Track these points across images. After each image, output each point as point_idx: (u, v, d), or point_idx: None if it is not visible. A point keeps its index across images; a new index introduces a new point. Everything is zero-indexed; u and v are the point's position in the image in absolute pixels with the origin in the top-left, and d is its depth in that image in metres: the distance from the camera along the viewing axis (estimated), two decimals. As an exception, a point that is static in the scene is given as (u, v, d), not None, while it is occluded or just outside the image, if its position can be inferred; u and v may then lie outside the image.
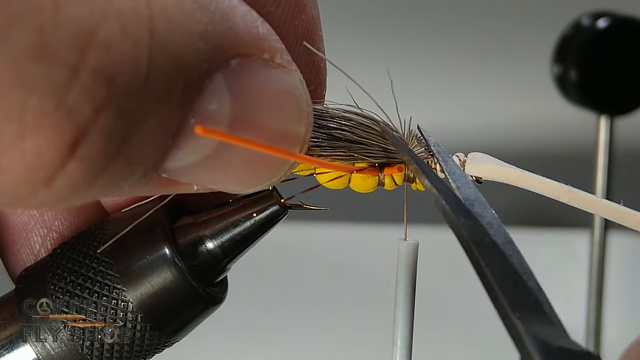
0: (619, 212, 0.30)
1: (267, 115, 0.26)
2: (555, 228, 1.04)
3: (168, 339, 0.34)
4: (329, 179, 0.33)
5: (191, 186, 0.27)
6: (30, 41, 0.20)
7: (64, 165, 0.22)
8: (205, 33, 0.23)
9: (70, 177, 0.22)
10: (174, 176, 0.26)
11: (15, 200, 0.23)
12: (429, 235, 1.01)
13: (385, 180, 0.34)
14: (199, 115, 0.24)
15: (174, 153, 0.25)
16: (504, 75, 1.14)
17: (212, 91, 0.24)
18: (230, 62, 0.24)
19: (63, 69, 0.21)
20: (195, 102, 0.24)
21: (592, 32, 0.74)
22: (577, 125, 0.92)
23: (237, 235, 0.34)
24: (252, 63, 0.25)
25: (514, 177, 0.32)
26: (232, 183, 0.27)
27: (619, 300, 0.95)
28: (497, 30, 1.14)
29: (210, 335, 0.86)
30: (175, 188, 0.26)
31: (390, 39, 1.15)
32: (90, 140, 0.22)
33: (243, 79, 0.25)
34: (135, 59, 0.22)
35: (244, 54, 0.25)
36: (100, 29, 0.21)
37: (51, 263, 0.34)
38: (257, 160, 0.26)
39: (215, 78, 0.24)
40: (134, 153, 0.23)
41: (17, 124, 0.21)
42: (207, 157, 0.25)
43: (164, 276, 0.32)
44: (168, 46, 0.22)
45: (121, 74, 0.22)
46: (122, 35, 0.21)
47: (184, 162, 0.25)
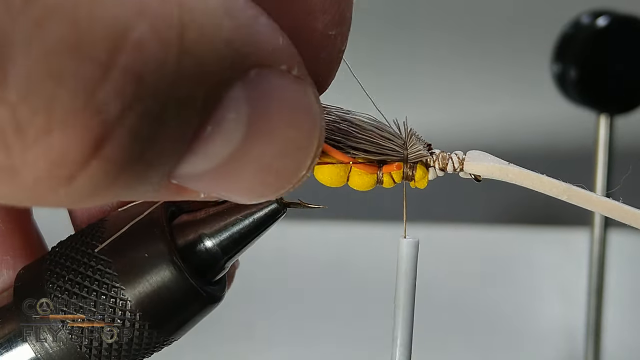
0: (618, 209, 0.30)
1: (281, 127, 0.26)
2: (554, 226, 1.04)
3: (167, 338, 0.34)
4: (327, 174, 0.33)
5: (198, 194, 0.27)
6: (65, 34, 0.20)
7: (88, 163, 0.22)
8: (230, 41, 0.23)
9: (92, 177, 0.22)
10: (183, 182, 0.26)
11: (34, 197, 0.23)
12: (428, 234, 1.02)
13: (383, 178, 0.34)
14: (217, 123, 0.24)
15: (188, 159, 0.24)
16: (503, 74, 1.14)
17: (231, 100, 0.24)
18: (250, 71, 0.24)
19: (95, 65, 0.21)
20: (215, 109, 0.24)
21: (591, 30, 0.74)
22: (576, 124, 0.92)
23: (235, 233, 0.34)
24: (271, 74, 0.25)
25: (512, 175, 0.32)
26: (241, 192, 0.27)
27: (619, 298, 0.95)
28: (496, 29, 1.14)
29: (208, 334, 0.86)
30: (182, 195, 0.26)
31: (389, 38, 1.15)
32: (116, 139, 0.22)
33: (261, 89, 0.25)
34: (164, 62, 0.22)
35: (263, 64, 0.25)
36: (134, 28, 0.21)
37: (49, 261, 0.34)
38: (269, 171, 0.26)
39: (236, 87, 0.24)
40: (154, 156, 0.23)
41: (44, 117, 0.21)
42: (219, 165, 0.25)
43: (163, 274, 0.32)
44: (195, 52, 0.22)
45: (150, 75, 0.21)
46: (154, 37, 0.21)
47: (195, 169, 0.25)
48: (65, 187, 0.22)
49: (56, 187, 0.22)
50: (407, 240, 0.35)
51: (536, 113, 1.12)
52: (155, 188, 0.25)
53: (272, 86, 0.25)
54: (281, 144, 0.26)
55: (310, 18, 0.28)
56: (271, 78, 0.25)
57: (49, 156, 0.21)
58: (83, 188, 0.22)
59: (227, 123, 0.24)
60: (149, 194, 0.25)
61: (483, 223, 1.09)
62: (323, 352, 0.97)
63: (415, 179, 0.34)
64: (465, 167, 0.34)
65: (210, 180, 0.26)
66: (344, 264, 1.04)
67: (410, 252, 0.35)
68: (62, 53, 0.20)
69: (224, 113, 0.24)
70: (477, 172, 0.33)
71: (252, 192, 0.27)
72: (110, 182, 0.23)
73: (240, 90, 0.24)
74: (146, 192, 0.25)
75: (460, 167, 0.34)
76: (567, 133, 1.10)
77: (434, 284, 0.95)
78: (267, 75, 0.25)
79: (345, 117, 0.33)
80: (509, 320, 0.97)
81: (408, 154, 0.34)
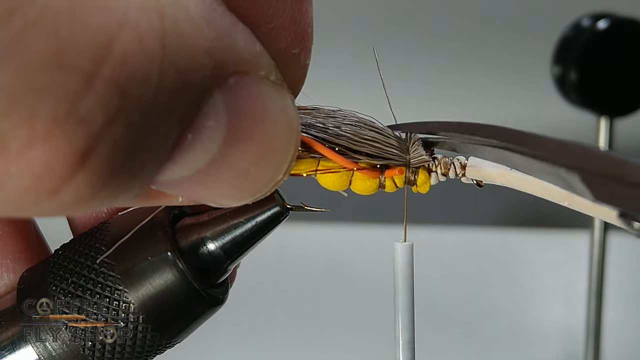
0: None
1: (259, 133, 0.26)
2: (555, 229, 1.04)
3: (169, 340, 0.34)
4: (330, 179, 0.33)
5: (177, 198, 0.27)
6: (45, 46, 0.20)
7: (73, 176, 0.21)
8: (210, 49, 0.23)
9: (76, 189, 0.22)
10: (162, 188, 0.26)
11: (16, 209, 0.23)
12: (430, 236, 1.02)
13: (386, 182, 0.34)
14: (197, 131, 0.24)
15: (168, 167, 0.24)
16: (504, 77, 1.14)
17: (211, 108, 0.24)
18: (229, 79, 0.24)
19: (78, 76, 0.20)
20: (195, 118, 0.24)
21: (592, 33, 0.74)
22: (577, 126, 0.92)
23: (238, 236, 0.34)
24: (249, 80, 0.25)
25: (514, 181, 0.32)
26: (218, 197, 0.27)
27: (619, 299, 0.95)
28: (498, 32, 1.14)
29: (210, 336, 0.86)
30: (161, 200, 0.26)
31: (391, 40, 1.15)
32: (100, 152, 0.21)
33: (240, 96, 0.25)
34: (148, 72, 0.21)
35: (242, 71, 0.25)
36: (118, 39, 0.21)
37: (53, 264, 0.34)
38: (246, 176, 0.26)
39: (215, 95, 0.24)
40: (137, 166, 0.23)
41: (27, 130, 0.20)
42: (198, 171, 0.25)
43: (165, 277, 0.32)
44: (177, 61, 0.22)
45: (134, 86, 0.21)
46: (138, 48, 0.21)
47: (175, 176, 0.25)
48: (48, 200, 0.22)
49: (40, 200, 0.22)
50: (401, 244, 0.35)
51: (537, 115, 1.12)
52: (136, 195, 0.25)
53: (251, 92, 0.25)
54: (259, 150, 0.26)
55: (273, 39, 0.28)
56: (250, 84, 0.25)
57: (32, 170, 0.21)
58: (67, 200, 0.22)
59: (206, 131, 0.24)
60: (128, 202, 0.25)
61: (484, 225, 1.09)
62: (323, 353, 0.97)
63: (417, 184, 0.34)
64: (467, 172, 0.34)
65: (189, 186, 0.26)
66: (344, 266, 1.04)
67: (404, 255, 0.35)
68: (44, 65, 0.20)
69: (203, 121, 0.24)
70: (479, 177, 0.33)
71: (229, 196, 0.27)
72: (94, 193, 0.22)
73: (220, 98, 0.24)
74: (126, 200, 0.25)
75: (462, 173, 0.34)
76: (568, 135, 1.10)
77: (436, 286, 0.95)
78: (246, 81, 0.25)
79: (349, 120, 0.33)
80: (510, 321, 0.98)
81: (410, 158, 0.34)
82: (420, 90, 1.16)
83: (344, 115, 0.34)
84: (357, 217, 1.04)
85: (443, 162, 0.34)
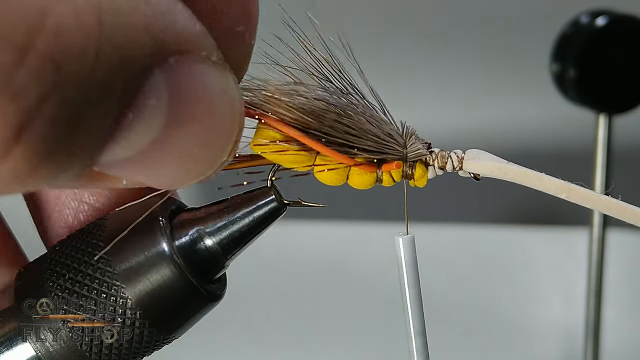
0: (617, 207, 0.30)
1: (202, 114, 0.25)
2: (554, 226, 1.04)
3: (167, 336, 0.34)
4: (327, 174, 0.33)
5: (120, 180, 0.26)
6: None
7: (8, 152, 0.21)
8: (149, 27, 0.23)
9: (12, 165, 0.22)
10: (104, 170, 0.25)
11: None
12: (428, 234, 1.02)
13: (383, 176, 0.34)
14: (138, 110, 0.24)
15: (110, 147, 0.24)
16: (502, 74, 1.14)
17: (152, 87, 0.24)
18: (169, 58, 0.24)
19: (11, 49, 0.20)
20: (136, 96, 0.24)
21: (591, 30, 0.74)
22: (575, 124, 0.92)
23: (235, 232, 0.34)
24: (190, 60, 0.25)
25: (511, 174, 0.32)
26: (162, 179, 0.27)
27: (618, 297, 0.95)
28: (496, 29, 1.14)
29: (209, 335, 0.86)
30: (104, 182, 0.26)
31: (390, 38, 1.15)
32: (35, 127, 0.21)
33: (181, 75, 0.25)
34: (84, 48, 0.21)
35: (183, 51, 0.25)
36: (51, 13, 0.21)
37: (50, 260, 0.34)
38: (190, 158, 0.26)
39: (155, 74, 0.24)
40: (76, 144, 0.23)
41: None
42: (140, 152, 0.25)
43: (163, 273, 0.32)
44: (115, 38, 0.22)
45: (69, 61, 0.21)
46: (74, 22, 0.21)
47: (117, 157, 0.25)
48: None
49: None
50: (403, 237, 0.35)
51: (535, 112, 1.12)
52: (78, 176, 0.25)
53: (192, 72, 0.25)
54: (202, 131, 0.26)
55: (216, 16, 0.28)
56: (191, 64, 0.25)
57: None
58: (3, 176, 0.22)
59: (147, 110, 0.24)
60: (70, 182, 0.25)
61: (483, 223, 1.09)
62: (322, 352, 0.97)
63: (414, 178, 0.34)
64: (464, 165, 0.34)
65: (131, 167, 0.25)
66: (343, 264, 1.04)
67: (407, 248, 0.35)
68: None
69: (144, 100, 0.24)
70: (476, 170, 0.33)
71: (174, 178, 0.27)
72: (31, 170, 0.22)
73: (160, 77, 0.24)
74: (68, 180, 0.24)
75: (459, 166, 0.34)
76: (566, 132, 1.10)
77: (434, 284, 0.95)
78: (187, 61, 0.25)
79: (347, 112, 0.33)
80: (509, 319, 0.97)
81: (407, 152, 0.34)
82: (418, 86, 1.16)
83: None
84: (356, 215, 1.04)
85: (440, 155, 0.34)
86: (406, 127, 0.35)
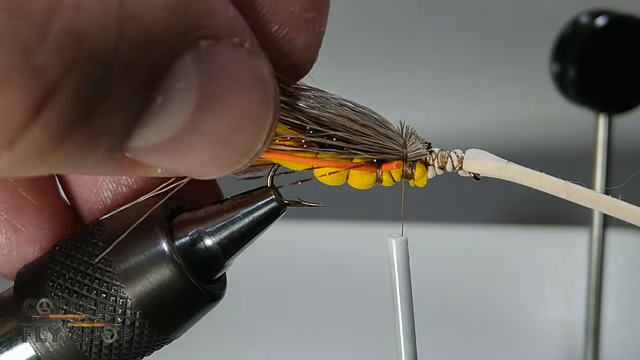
0: (618, 206, 0.30)
1: (234, 99, 0.25)
2: (554, 226, 1.04)
3: (167, 336, 0.34)
4: (326, 174, 0.33)
5: (155, 169, 0.26)
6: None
7: (28, 127, 0.21)
8: (177, 9, 0.23)
9: (33, 141, 0.22)
10: (138, 157, 0.25)
11: None
12: (428, 234, 1.02)
13: (383, 176, 0.34)
14: (166, 93, 0.24)
15: (139, 131, 0.24)
16: (502, 74, 1.14)
17: (181, 70, 0.24)
18: (200, 42, 0.24)
19: (32, 25, 0.20)
20: (163, 79, 0.24)
21: (590, 30, 0.74)
22: (575, 124, 0.92)
23: (235, 232, 0.34)
24: (222, 46, 0.25)
25: (511, 173, 0.32)
26: (197, 166, 0.27)
27: (618, 297, 0.95)
28: (496, 29, 1.14)
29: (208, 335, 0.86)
30: (138, 169, 0.26)
31: (390, 39, 1.15)
32: (56, 103, 0.21)
33: (212, 61, 0.24)
34: (105, 26, 0.21)
35: (215, 36, 0.24)
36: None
37: (50, 260, 0.34)
38: (223, 144, 0.26)
39: (185, 57, 0.24)
40: (99, 123, 0.23)
41: None
42: (172, 137, 0.25)
43: (163, 273, 0.32)
44: (138, 17, 0.22)
45: (90, 38, 0.21)
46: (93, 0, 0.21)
47: (148, 142, 0.25)
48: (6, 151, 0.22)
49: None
50: (395, 240, 0.35)
51: (535, 112, 1.12)
52: (107, 160, 0.24)
53: (224, 58, 0.25)
54: (234, 116, 0.25)
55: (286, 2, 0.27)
56: (223, 50, 0.25)
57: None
58: (25, 153, 0.22)
59: (176, 93, 0.24)
60: (100, 167, 0.25)
61: (482, 223, 1.09)
62: (322, 351, 0.97)
63: (414, 178, 0.34)
64: (464, 165, 0.34)
65: (164, 153, 0.25)
66: (343, 263, 1.04)
67: (399, 250, 0.35)
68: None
69: (173, 83, 0.24)
70: (476, 170, 0.33)
71: (209, 166, 0.27)
72: (54, 147, 0.22)
73: (190, 61, 0.24)
74: (97, 165, 0.24)
75: (459, 166, 0.34)
76: (566, 132, 1.10)
77: (434, 284, 0.95)
78: (219, 47, 0.24)
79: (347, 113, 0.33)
80: (509, 319, 0.97)
81: (407, 152, 0.34)
82: (418, 86, 1.16)
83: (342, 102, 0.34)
84: (356, 215, 1.04)
85: (440, 155, 0.34)
86: (406, 126, 0.34)
